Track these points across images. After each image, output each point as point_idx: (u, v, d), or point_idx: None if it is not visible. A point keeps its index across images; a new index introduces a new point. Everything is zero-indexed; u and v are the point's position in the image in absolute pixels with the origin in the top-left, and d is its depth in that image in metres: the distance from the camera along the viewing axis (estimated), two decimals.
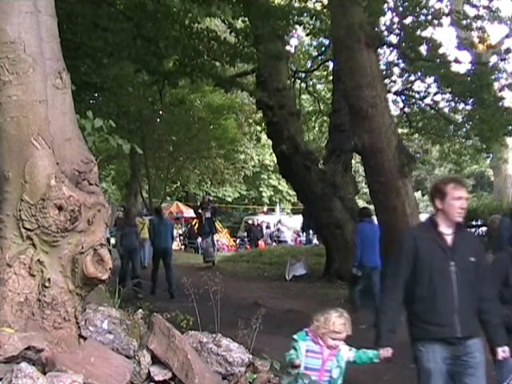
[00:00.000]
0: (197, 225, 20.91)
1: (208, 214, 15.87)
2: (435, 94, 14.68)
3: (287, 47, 15.12)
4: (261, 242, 25.29)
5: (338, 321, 3.46)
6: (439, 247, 3.49)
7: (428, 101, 15.00)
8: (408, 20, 11.94)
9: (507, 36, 16.80)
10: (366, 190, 15.23)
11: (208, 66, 10.23)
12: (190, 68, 10.28)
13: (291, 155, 13.21)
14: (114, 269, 3.53)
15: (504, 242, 9.97)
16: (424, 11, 11.99)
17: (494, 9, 12.55)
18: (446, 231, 3.53)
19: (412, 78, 14.79)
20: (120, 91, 13.97)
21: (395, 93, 14.84)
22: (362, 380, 5.71)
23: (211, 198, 23.54)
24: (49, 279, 3.19)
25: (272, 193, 34.87)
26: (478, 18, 12.21)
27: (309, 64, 18.33)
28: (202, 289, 5.60)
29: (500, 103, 12.93)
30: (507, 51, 12.76)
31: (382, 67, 12.56)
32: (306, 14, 11.86)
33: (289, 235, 26.03)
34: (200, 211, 17.23)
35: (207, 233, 16.00)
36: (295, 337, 3.50)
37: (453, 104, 15.21)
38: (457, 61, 12.57)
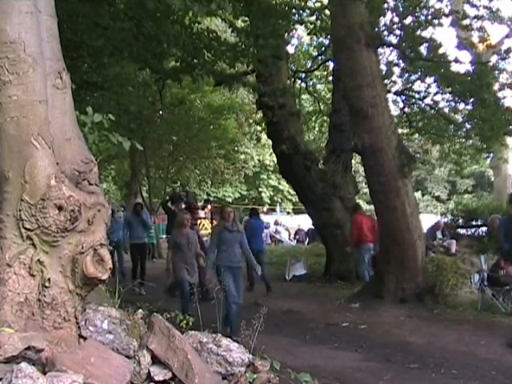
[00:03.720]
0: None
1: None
2: (435, 94, 14.64)
3: (287, 47, 15.12)
4: None
5: None
6: None
7: (428, 101, 14.96)
8: (408, 20, 11.91)
9: (507, 36, 16.80)
10: (366, 190, 15.21)
11: (209, 63, 10.22)
12: (190, 66, 10.28)
13: (291, 155, 13.20)
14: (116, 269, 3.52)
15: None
16: (424, 11, 11.97)
17: (494, 9, 12.54)
18: None
19: (412, 78, 14.77)
20: (121, 90, 13.97)
21: (395, 93, 14.81)
22: (362, 380, 5.71)
23: (188, 190, 21.63)
24: (49, 279, 3.19)
25: (272, 193, 34.87)
26: (478, 18, 12.19)
27: (309, 64, 18.30)
28: (205, 288, 5.60)
29: (500, 103, 12.91)
30: (507, 51, 12.74)
31: (382, 67, 12.54)
32: (306, 14, 11.88)
33: (286, 235, 25.98)
34: (170, 206, 15.01)
35: None
36: None
37: (453, 104, 15.18)
38: (457, 61, 12.54)
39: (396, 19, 11.76)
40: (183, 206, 14.66)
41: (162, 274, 11.34)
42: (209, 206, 25.19)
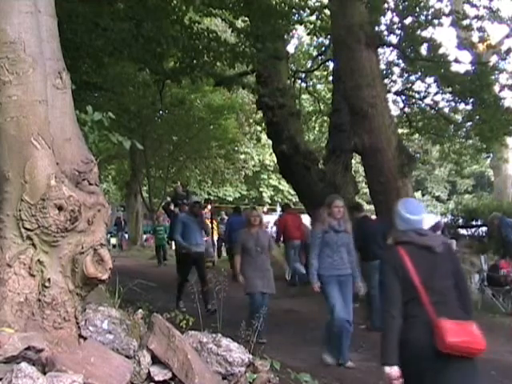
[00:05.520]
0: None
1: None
2: (435, 94, 14.66)
3: (287, 47, 15.12)
4: None
5: None
6: None
7: (428, 101, 14.98)
8: (408, 20, 11.93)
9: (507, 36, 16.79)
10: (366, 190, 15.20)
11: (209, 64, 10.23)
12: (190, 67, 10.28)
13: (291, 155, 13.20)
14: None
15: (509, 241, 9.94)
16: (424, 11, 11.99)
17: (494, 9, 12.55)
18: None
19: (412, 78, 14.79)
20: (121, 90, 13.97)
21: (395, 93, 14.82)
22: (362, 380, 5.71)
23: (188, 189, 20.56)
24: (49, 279, 3.19)
25: (272, 192, 34.87)
26: (478, 18, 12.20)
27: (309, 64, 18.31)
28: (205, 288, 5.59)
29: (500, 103, 12.91)
30: (507, 51, 12.75)
31: (382, 67, 12.55)
32: (306, 14, 11.89)
33: None
34: (173, 208, 13.85)
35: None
36: None
37: (453, 104, 15.20)
38: (457, 61, 12.56)
39: (396, 19, 11.79)
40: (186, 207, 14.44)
41: (164, 275, 11.31)
42: (209, 206, 25.17)
